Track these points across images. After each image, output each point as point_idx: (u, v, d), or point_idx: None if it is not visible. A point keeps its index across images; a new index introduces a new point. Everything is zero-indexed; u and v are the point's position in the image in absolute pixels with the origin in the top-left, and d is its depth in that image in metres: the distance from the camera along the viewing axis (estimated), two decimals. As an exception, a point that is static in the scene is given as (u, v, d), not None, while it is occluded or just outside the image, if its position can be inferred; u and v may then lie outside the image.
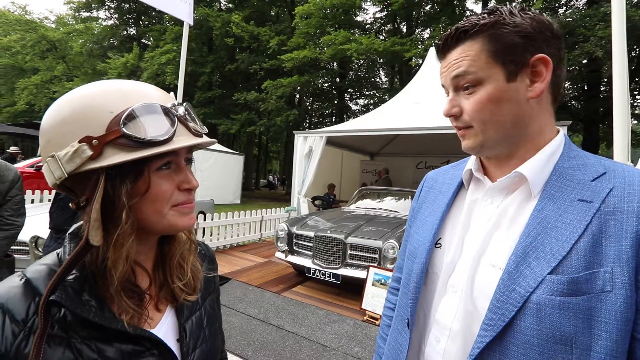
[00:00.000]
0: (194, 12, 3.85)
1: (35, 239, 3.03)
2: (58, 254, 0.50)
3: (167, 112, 0.47)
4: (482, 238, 0.60)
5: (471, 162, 0.68)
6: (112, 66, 19.24)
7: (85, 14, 23.69)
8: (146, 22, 23.26)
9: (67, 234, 0.51)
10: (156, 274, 0.57)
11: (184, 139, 0.48)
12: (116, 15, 23.07)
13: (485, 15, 0.58)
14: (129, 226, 0.45)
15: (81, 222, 0.52)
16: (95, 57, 22.52)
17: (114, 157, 0.42)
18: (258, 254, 5.71)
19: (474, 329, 0.56)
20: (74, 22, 25.17)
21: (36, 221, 2.98)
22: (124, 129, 0.42)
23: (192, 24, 3.89)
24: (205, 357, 0.59)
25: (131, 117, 0.43)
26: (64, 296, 0.42)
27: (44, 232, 2.59)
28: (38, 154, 2.34)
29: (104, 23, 23.41)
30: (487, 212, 0.62)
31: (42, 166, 0.47)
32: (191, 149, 0.52)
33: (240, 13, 17.42)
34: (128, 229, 0.45)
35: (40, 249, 2.94)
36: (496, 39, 0.56)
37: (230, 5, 20.61)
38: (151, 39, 21.59)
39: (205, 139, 0.51)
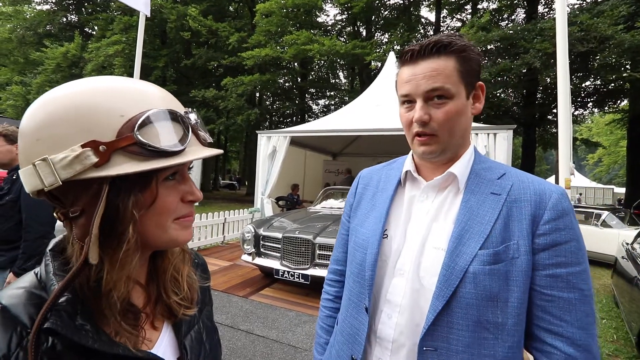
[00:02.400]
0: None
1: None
2: (36, 274, 0.44)
3: (181, 119, 0.43)
4: (424, 228, 0.71)
5: (408, 164, 0.79)
6: (49, 56, 17.30)
7: (15, -4, 21.06)
8: (90, 10, 21.26)
9: (47, 251, 0.45)
10: (150, 289, 0.52)
11: (196, 150, 0.44)
12: (53, 0, 20.82)
13: (458, 37, 0.67)
14: (134, 242, 0.41)
15: (60, 237, 0.46)
16: (29, 44, 20.00)
17: (123, 167, 0.38)
18: (222, 258, 5.52)
19: (421, 302, 0.67)
20: (1, 5, 22.23)
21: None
22: (139, 136, 0.38)
23: (149, 14, 3.63)
24: None
25: (146, 122, 0.39)
26: (60, 322, 0.36)
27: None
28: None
29: (39, 7, 21.00)
30: (424, 207, 0.74)
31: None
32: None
33: (197, 7, 16.64)
34: (133, 245, 0.41)
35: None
36: (466, 61, 0.67)
37: (186, -3, 19.64)
38: (96, 28, 19.77)
39: (214, 149, 0.48)
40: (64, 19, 21.00)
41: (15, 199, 1.88)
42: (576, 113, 15.63)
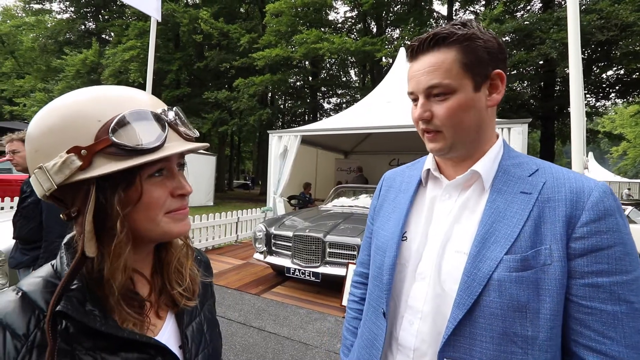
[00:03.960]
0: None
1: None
2: (53, 265, 0.49)
3: (157, 117, 0.46)
4: (446, 229, 0.66)
5: (429, 163, 0.75)
6: (69, 63, 17.97)
7: (37, 6, 21.94)
8: (106, 17, 21.91)
9: (62, 245, 0.50)
10: (155, 280, 0.56)
11: (175, 145, 0.47)
12: (72, 9, 21.55)
13: (460, 26, 0.62)
14: (124, 235, 0.45)
15: (74, 233, 0.51)
16: (50, 52, 20.87)
17: (104, 167, 0.41)
18: (235, 256, 5.61)
19: (443, 309, 0.63)
20: (24, 15, 23.20)
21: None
22: (113, 138, 0.41)
23: (160, 19, 3.73)
24: None
25: (120, 124, 0.42)
26: (70, 307, 0.41)
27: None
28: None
29: (59, 16, 21.81)
30: (447, 207, 0.69)
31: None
32: (183, 153, 0.51)
33: (208, 9, 16.89)
34: (124, 239, 0.45)
35: None
36: (469, 51, 0.61)
37: (198, 0, 19.92)
38: (112, 34, 20.38)
39: (197, 143, 0.51)
40: (83, 27, 21.73)
41: (37, 201, 1.98)
42: (598, 104, 15.03)
